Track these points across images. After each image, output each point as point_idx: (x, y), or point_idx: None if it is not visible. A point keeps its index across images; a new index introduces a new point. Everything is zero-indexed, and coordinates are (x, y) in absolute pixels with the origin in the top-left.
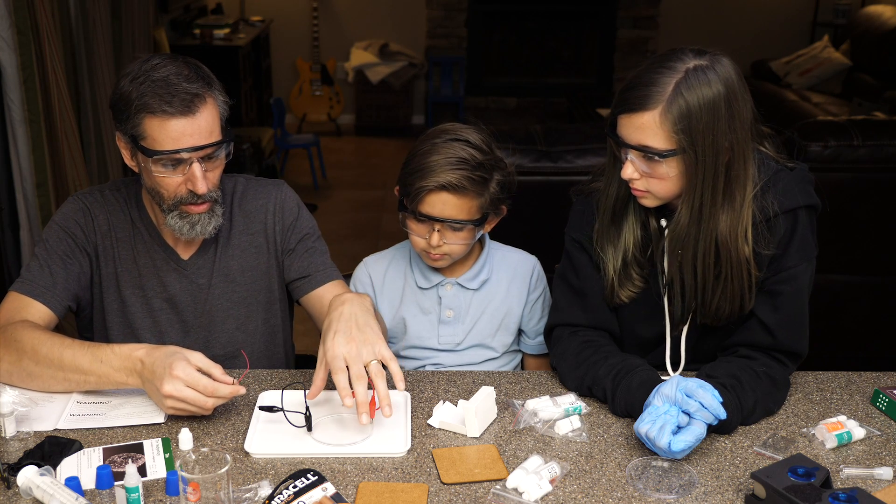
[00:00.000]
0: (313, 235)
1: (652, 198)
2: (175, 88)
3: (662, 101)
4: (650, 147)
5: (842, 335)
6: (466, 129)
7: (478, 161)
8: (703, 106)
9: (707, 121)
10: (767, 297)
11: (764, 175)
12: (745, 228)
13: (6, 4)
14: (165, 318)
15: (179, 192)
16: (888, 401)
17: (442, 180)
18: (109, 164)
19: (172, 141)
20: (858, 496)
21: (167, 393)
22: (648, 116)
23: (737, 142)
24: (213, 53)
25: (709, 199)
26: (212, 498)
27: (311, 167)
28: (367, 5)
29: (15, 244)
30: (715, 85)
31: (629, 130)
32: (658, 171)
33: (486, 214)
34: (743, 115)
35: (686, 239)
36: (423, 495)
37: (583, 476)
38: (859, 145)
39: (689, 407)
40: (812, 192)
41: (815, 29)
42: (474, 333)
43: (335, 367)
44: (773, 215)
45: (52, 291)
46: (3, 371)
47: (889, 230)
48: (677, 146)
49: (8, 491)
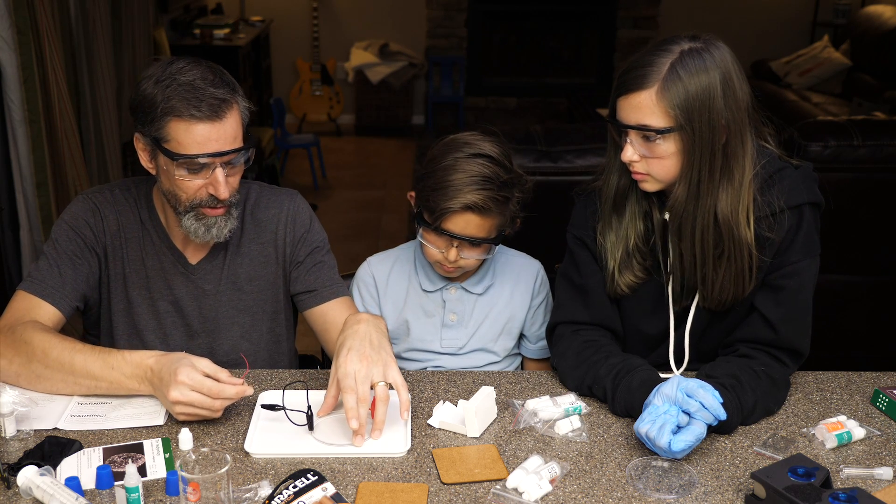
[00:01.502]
0: (323, 249)
1: (652, 181)
2: (202, 93)
3: (658, 80)
4: (648, 125)
5: (842, 335)
6: (486, 142)
7: (502, 180)
8: (698, 83)
9: (703, 98)
10: (770, 292)
11: (769, 166)
12: (745, 208)
13: (6, 4)
14: (170, 321)
15: (199, 195)
16: (888, 401)
17: (468, 201)
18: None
19: (198, 145)
20: (858, 496)
21: (174, 399)
22: (645, 95)
23: (733, 121)
24: (213, 53)
25: (706, 175)
26: (212, 498)
27: (311, 167)
28: (367, 5)
29: (15, 244)
30: (710, 64)
31: (627, 111)
32: (657, 151)
33: (503, 231)
34: (738, 96)
35: (685, 216)
36: (423, 495)
37: (583, 476)
38: (859, 145)
39: (689, 407)
40: (817, 191)
41: (815, 29)
42: (477, 338)
43: (345, 385)
44: (778, 210)
45: (61, 292)
46: (12, 373)
47: (889, 230)
48: (674, 123)
49: (8, 491)
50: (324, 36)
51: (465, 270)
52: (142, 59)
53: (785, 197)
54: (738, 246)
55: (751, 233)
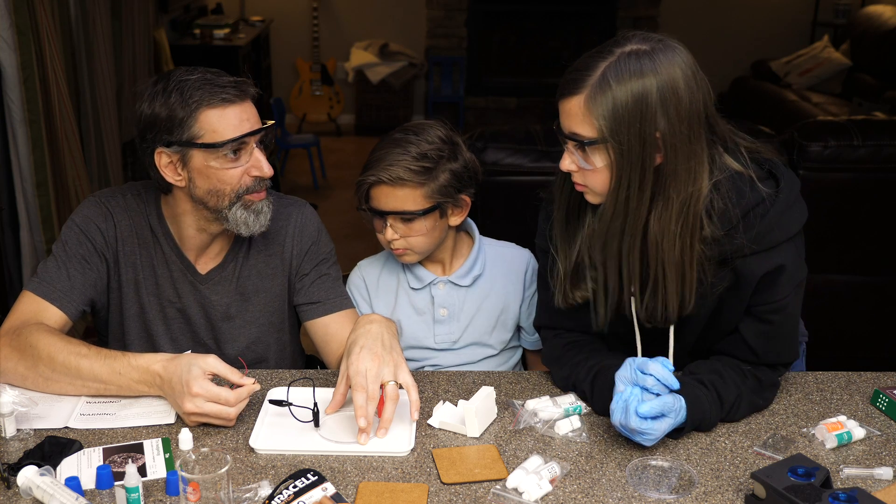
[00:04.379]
0: (329, 261)
1: (591, 193)
2: (220, 80)
3: (588, 86)
4: (578, 134)
5: (842, 335)
6: (422, 124)
7: (421, 151)
8: (628, 91)
9: (633, 109)
10: (756, 323)
11: (739, 200)
12: (688, 230)
13: (6, 4)
14: (178, 328)
15: (244, 182)
16: (888, 401)
17: (380, 173)
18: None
19: (234, 128)
20: (858, 496)
21: (189, 411)
22: (575, 102)
23: (674, 134)
24: (213, 53)
25: (635, 193)
26: (212, 498)
27: (311, 167)
28: (367, 5)
29: (15, 244)
30: (648, 70)
31: (563, 118)
32: (590, 162)
33: (438, 204)
34: (683, 108)
35: (610, 233)
36: (423, 495)
37: (583, 476)
38: (859, 145)
39: (645, 382)
40: (797, 215)
41: (815, 29)
42: (471, 331)
43: (356, 383)
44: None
45: (68, 296)
46: (19, 375)
47: (889, 230)
48: (599, 134)
49: (8, 491)
50: (324, 36)
51: (420, 254)
52: (142, 59)
53: (761, 240)
54: (672, 269)
55: (689, 253)
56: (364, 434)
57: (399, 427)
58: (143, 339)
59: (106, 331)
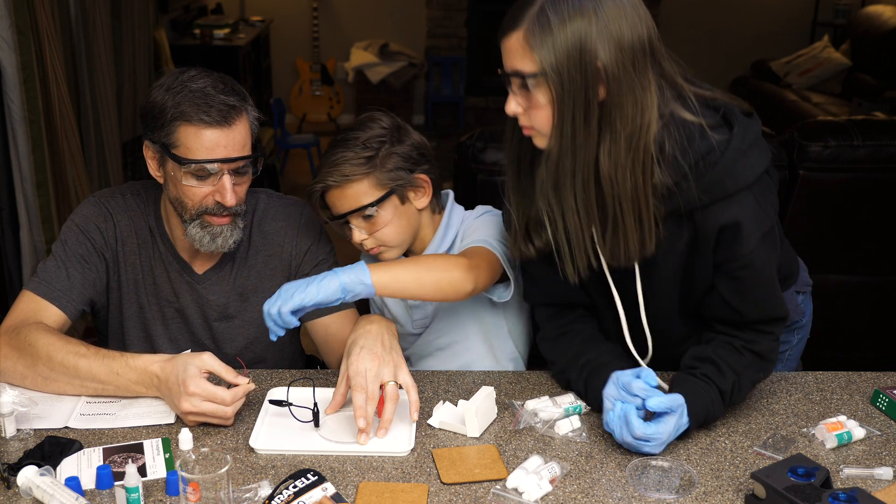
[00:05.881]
0: (328, 261)
1: (539, 135)
2: (213, 99)
3: (527, 20)
4: (519, 70)
5: (842, 335)
6: (364, 118)
7: (360, 142)
8: (567, 21)
9: (572, 40)
10: (729, 280)
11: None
12: (638, 165)
13: (6, 4)
14: (176, 328)
15: (205, 202)
16: (888, 401)
17: (326, 178)
18: (109, 164)
19: (206, 151)
20: (858, 496)
21: (186, 410)
22: (514, 38)
23: (614, 66)
24: (213, 53)
25: (581, 127)
26: (212, 498)
27: (311, 167)
28: (367, 5)
29: (15, 244)
30: (586, 2)
31: (504, 57)
32: (533, 101)
33: (393, 190)
34: (625, 39)
35: (561, 172)
36: (423, 495)
37: (583, 476)
38: (859, 145)
39: (635, 400)
40: (752, 162)
41: (815, 29)
42: (444, 309)
43: (356, 383)
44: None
45: (68, 296)
46: (18, 374)
47: (889, 230)
48: (539, 68)
49: (8, 491)
50: (324, 36)
51: (396, 247)
52: (142, 59)
53: (713, 190)
54: (628, 202)
55: (644, 184)
56: (364, 434)
57: (399, 427)
58: (143, 340)
59: (106, 331)
